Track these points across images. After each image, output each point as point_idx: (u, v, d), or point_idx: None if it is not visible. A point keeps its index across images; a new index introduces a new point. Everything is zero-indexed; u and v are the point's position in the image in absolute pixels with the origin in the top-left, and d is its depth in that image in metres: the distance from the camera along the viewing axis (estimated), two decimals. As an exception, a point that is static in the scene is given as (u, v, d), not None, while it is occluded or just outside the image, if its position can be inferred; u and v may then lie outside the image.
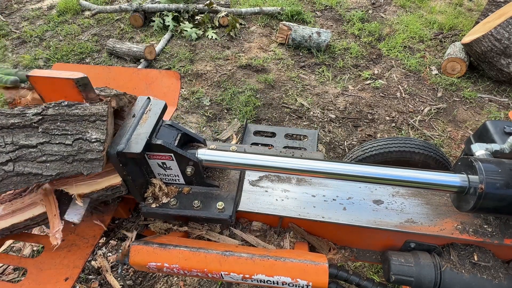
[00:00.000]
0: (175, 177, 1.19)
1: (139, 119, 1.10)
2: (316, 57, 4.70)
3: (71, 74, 0.98)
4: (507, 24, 3.78)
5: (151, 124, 1.08)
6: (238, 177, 1.25)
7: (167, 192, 1.19)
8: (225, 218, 1.13)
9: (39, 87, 1.03)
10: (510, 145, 1.19)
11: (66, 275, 1.08)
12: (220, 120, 3.76)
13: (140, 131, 1.06)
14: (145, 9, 5.21)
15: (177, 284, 2.41)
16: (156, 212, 1.16)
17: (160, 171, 1.17)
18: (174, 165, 1.13)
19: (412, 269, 1.09)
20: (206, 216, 1.14)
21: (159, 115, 1.11)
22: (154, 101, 1.17)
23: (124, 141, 1.01)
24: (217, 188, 1.21)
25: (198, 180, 1.19)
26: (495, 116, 3.80)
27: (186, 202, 1.17)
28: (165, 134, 1.12)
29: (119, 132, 1.04)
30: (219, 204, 1.15)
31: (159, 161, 1.12)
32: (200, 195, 1.19)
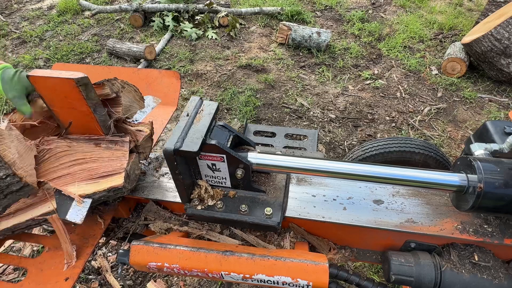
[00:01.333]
0: (222, 179, 1.17)
1: (193, 118, 1.09)
2: (316, 57, 4.70)
3: (71, 74, 0.98)
4: (507, 24, 3.78)
5: (205, 124, 1.06)
6: (284, 183, 1.23)
7: (213, 194, 1.17)
8: (273, 224, 1.10)
9: (39, 87, 1.03)
10: (509, 145, 1.19)
11: (66, 275, 1.08)
12: (220, 120, 3.77)
13: (194, 130, 1.04)
14: (145, 9, 5.21)
15: (177, 284, 2.41)
16: (201, 214, 1.14)
17: (208, 172, 1.15)
18: (224, 167, 1.11)
19: (412, 269, 1.09)
20: (253, 221, 1.11)
21: (212, 116, 1.10)
22: (206, 102, 1.16)
23: (180, 139, 1.00)
24: (263, 194, 1.18)
25: (245, 184, 1.17)
26: (495, 116, 3.80)
27: (232, 206, 1.15)
28: (218, 135, 1.11)
29: (174, 130, 1.04)
30: (267, 210, 1.11)
31: (209, 162, 1.10)
32: (247, 200, 1.17)
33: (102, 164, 1.12)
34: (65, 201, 1.06)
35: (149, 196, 1.28)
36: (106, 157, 1.13)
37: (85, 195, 1.07)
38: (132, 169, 1.16)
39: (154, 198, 1.28)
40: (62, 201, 1.06)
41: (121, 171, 1.10)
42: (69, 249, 1.10)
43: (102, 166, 1.11)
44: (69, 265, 1.10)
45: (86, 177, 1.10)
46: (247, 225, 1.15)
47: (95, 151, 1.14)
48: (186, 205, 1.16)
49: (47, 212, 1.06)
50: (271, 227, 1.12)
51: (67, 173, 1.11)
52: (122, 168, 1.10)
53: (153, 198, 1.28)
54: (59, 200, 1.06)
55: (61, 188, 1.08)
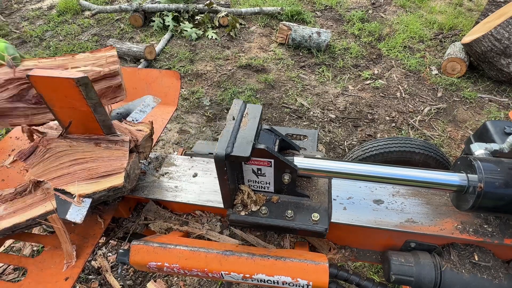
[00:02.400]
0: (266, 184, 1.14)
1: (239, 122, 1.07)
2: (316, 57, 4.70)
3: (72, 73, 0.98)
4: (507, 24, 3.78)
5: (253, 128, 1.05)
6: (326, 187, 1.21)
7: (256, 200, 1.14)
8: (320, 230, 1.08)
9: (39, 87, 1.03)
10: (509, 145, 1.19)
11: (66, 274, 1.08)
12: (220, 120, 3.76)
13: (242, 134, 1.02)
14: (145, 9, 5.21)
15: (177, 284, 2.41)
16: (245, 220, 1.11)
17: (252, 177, 1.12)
18: (270, 172, 1.09)
19: (412, 269, 1.09)
20: (300, 227, 1.09)
21: (258, 120, 1.09)
22: (250, 105, 1.14)
23: (230, 144, 0.98)
24: (307, 199, 1.16)
25: (289, 189, 1.14)
26: (495, 116, 3.80)
27: (277, 211, 1.12)
28: (265, 139, 1.09)
29: (222, 135, 1.01)
30: (315, 215, 1.09)
31: (255, 167, 1.08)
32: (291, 205, 1.14)
33: (102, 164, 1.12)
34: (65, 200, 1.06)
35: (149, 196, 1.27)
36: (106, 157, 1.13)
37: (85, 195, 1.07)
38: (132, 169, 1.16)
39: (154, 198, 1.28)
40: (62, 200, 1.06)
41: (121, 171, 1.10)
42: (69, 249, 1.10)
43: (102, 165, 1.11)
44: (69, 265, 1.10)
45: (86, 177, 1.10)
46: (294, 231, 1.12)
47: (95, 150, 1.14)
48: (228, 210, 1.13)
49: (47, 212, 1.06)
50: (318, 233, 1.09)
51: (67, 172, 1.11)
52: (122, 168, 1.10)
53: (153, 197, 1.28)
54: (59, 200, 1.06)
55: (61, 188, 1.08)
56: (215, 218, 1.34)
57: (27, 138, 1.24)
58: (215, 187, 1.29)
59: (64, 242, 1.09)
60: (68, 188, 1.08)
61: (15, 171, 1.38)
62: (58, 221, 1.06)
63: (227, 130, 1.03)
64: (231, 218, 1.12)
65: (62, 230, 1.08)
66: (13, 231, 1.10)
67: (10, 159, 1.41)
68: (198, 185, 1.30)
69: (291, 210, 1.11)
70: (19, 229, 1.10)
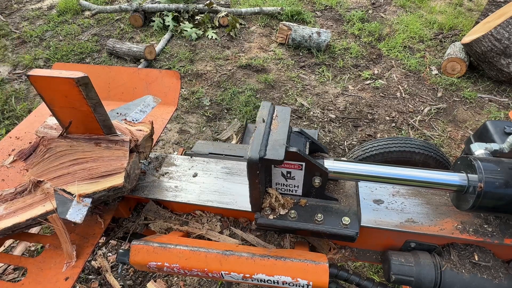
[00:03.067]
0: (294, 188, 1.13)
1: (269, 125, 1.06)
2: (316, 57, 4.70)
3: (72, 73, 0.98)
4: (507, 24, 3.78)
5: (284, 130, 1.04)
6: (354, 190, 1.20)
7: (283, 203, 1.13)
8: (351, 234, 1.07)
9: (39, 87, 1.03)
10: (509, 145, 1.19)
11: (66, 274, 1.08)
12: (220, 120, 3.76)
13: (274, 137, 1.02)
14: (145, 9, 5.21)
15: (177, 284, 2.41)
16: (274, 224, 1.10)
17: (280, 180, 1.11)
18: (300, 175, 1.07)
19: (412, 269, 1.09)
20: (330, 231, 1.08)
21: (288, 122, 1.08)
22: (278, 107, 1.13)
23: (262, 147, 0.97)
24: (336, 202, 1.15)
25: (318, 192, 1.13)
26: (495, 116, 3.81)
27: (305, 215, 1.11)
28: (296, 142, 1.08)
29: (254, 137, 1.00)
30: (345, 219, 1.08)
31: (285, 170, 1.07)
32: (319, 209, 1.13)
33: (102, 164, 1.12)
34: (65, 200, 1.06)
35: (149, 196, 1.28)
36: (106, 157, 1.13)
37: (85, 195, 1.07)
38: (132, 169, 1.16)
39: (154, 198, 1.28)
40: (62, 200, 1.06)
41: (121, 171, 1.10)
42: (69, 249, 1.10)
43: (102, 165, 1.11)
44: (69, 265, 1.09)
45: (86, 177, 1.10)
46: (324, 235, 1.11)
47: (95, 150, 1.14)
48: (256, 214, 1.12)
49: (47, 212, 1.06)
50: (349, 237, 1.08)
51: (67, 172, 1.11)
52: (122, 168, 1.10)
53: (153, 197, 1.28)
54: (59, 200, 1.06)
55: (61, 188, 1.08)
56: (215, 218, 1.34)
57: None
58: (215, 187, 1.29)
59: (64, 242, 1.09)
60: (68, 188, 1.08)
61: (15, 171, 1.38)
62: (58, 221, 1.06)
63: (259, 133, 1.02)
64: (259, 222, 1.10)
65: (62, 230, 1.08)
66: (13, 231, 1.10)
67: (10, 159, 1.41)
68: (198, 185, 1.30)
69: (321, 214, 1.09)
70: (19, 229, 1.10)
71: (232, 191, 1.28)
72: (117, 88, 1.69)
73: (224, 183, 1.31)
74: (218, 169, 1.37)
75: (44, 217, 1.07)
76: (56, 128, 1.25)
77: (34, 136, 1.36)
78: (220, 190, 1.28)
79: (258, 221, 1.11)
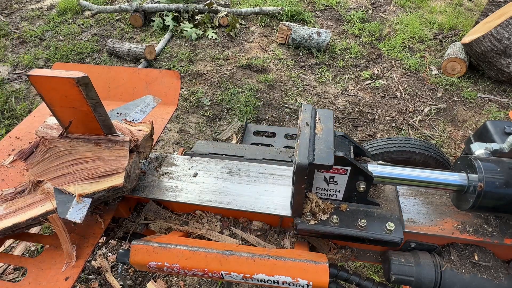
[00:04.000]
0: (335, 192, 1.12)
1: (313, 128, 1.05)
2: (316, 57, 4.70)
3: (72, 73, 0.98)
4: (507, 24, 3.78)
5: (329, 134, 1.03)
6: (394, 194, 1.19)
7: (323, 208, 1.11)
8: (396, 240, 1.06)
9: (39, 87, 1.03)
10: (509, 145, 1.19)
11: (66, 274, 1.08)
12: (220, 120, 3.76)
13: (320, 141, 1.01)
14: (145, 9, 5.21)
15: (177, 284, 2.41)
16: (315, 229, 1.09)
17: (322, 185, 1.09)
18: (343, 180, 1.06)
19: (412, 269, 1.09)
20: (374, 237, 1.07)
21: (332, 125, 1.07)
22: (320, 110, 1.13)
23: (310, 151, 0.97)
24: (377, 207, 1.14)
25: (360, 197, 1.12)
26: (495, 116, 3.81)
27: (347, 220, 1.10)
28: (340, 146, 1.06)
29: (300, 142, 0.98)
30: (389, 225, 1.07)
31: (328, 175, 1.05)
32: (360, 214, 1.12)
33: (102, 164, 1.12)
34: (66, 200, 1.06)
35: (149, 196, 1.27)
36: (106, 157, 1.13)
37: (85, 195, 1.07)
38: (132, 169, 1.16)
39: (154, 198, 1.28)
40: (62, 200, 1.06)
41: (121, 171, 1.10)
42: (69, 249, 1.10)
43: (102, 165, 1.11)
44: (69, 265, 1.09)
45: (86, 177, 1.10)
46: (367, 240, 1.10)
47: (95, 150, 1.14)
48: (296, 219, 1.10)
49: (47, 212, 1.06)
50: (394, 243, 1.07)
51: (67, 172, 1.11)
52: (123, 168, 1.10)
53: (153, 197, 1.28)
54: (59, 200, 1.06)
55: (61, 187, 1.08)
56: (215, 218, 1.34)
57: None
58: (215, 187, 1.29)
59: (64, 242, 1.09)
60: (68, 187, 1.08)
61: (15, 171, 1.38)
62: (58, 221, 1.06)
63: (304, 137, 1.01)
64: (300, 227, 1.09)
65: (62, 230, 1.08)
66: (13, 231, 1.10)
67: (10, 159, 1.41)
68: (198, 185, 1.30)
69: (364, 219, 1.08)
70: (19, 228, 1.10)
71: (232, 191, 1.28)
72: (117, 88, 1.69)
73: (224, 183, 1.31)
74: (218, 169, 1.37)
75: (44, 217, 1.07)
76: (56, 128, 1.25)
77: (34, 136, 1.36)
78: (220, 190, 1.28)
79: (299, 226, 1.09)
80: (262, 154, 1.59)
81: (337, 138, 1.10)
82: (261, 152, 1.60)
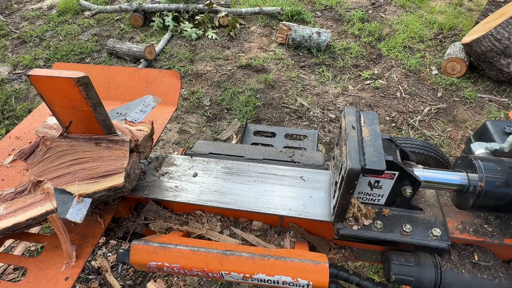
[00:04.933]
0: (378, 197, 1.10)
1: (360, 131, 1.04)
2: (316, 57, 4.70)
3: (72, 73, 0.98)
4: (507, 24, 3.78)
5: (377, 138, 1.02)
6: (436, 198, 1.17)
7: (365, 213, 1.10)
8: (443, 247, 1.04)
9: (39, 87, 1.03)
10: (509, 144, 1.19)
11: (66, 274, 1.08)
12: (220, 120, 3.76)
13: (368, 145, 0.99)
14: (145, 9, 5.21)
15: (177, 284, 2.41)
16: (358, 234, 1.07)
17: (365, 189, 1.07)
18: (389, 185, 1.04)
19: (412, 269, 1.09)
20: (420, 243, 1.05)
21: (379, 129, 1.06)
22: (364, 112, 1.11)
23: (361, 156, 0.95)
24: (420, 212, 1.12)
25: (403, 202, 1.10)
26: (495, 116, 3.81)
27: (390, 225, 1.08)
28: (387, 150, 1.04)
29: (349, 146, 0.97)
30: (436, 231, 1.05)
31: (373, 179, 1.03)
32: (403, 219, 1.10)
33: (103, 164, 1.12)
34: (66, 200, 1.06)
35: (149, 196, 1.27)
36: (107, 157, 1.13)
37: (85, 195, 1.07)
38: (132, 169, 1.16)
39: (154, 198, 1.28)
40: (62, 200, 1.06)
41: (122, 171, 1.10)
42: (69, 249, 1.10)
43: (102, 165, 1.11)
44: (69, 265, 1.09)
45: (87, 177, 1.10)
46: (412, 246, 1.09)
47: (96, 150, 1.14)
48: (338, 224, 1.09)
49: (47, 212, 1.06)
50: (440, 249, 1.06)
51: (67, 172, 1.11)
52: (123, 168, 1.10)
53: (153, 197, 1.28)
54: (60, 200, 1.06)
55: (61, 187, 1.08)
56: (215, 218, 1.34)
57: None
58: (215, 187, 1.29)
59: (64, 242, 1.09)
60: (68, 187, 1.08)
61: (15, 171, 1.38)
62: (58, 221, 1.06)
63: (353, 141, 0.99)
64: (342, 232, 1.07)
65: (62, 230, 1.07)
66: (13, 231, 1.10)
67: (10, 159, 1.41)
68: (198, 185, 1.30)
69: (409, 225, 1.06)
70: (19, 228, 1.10)
71: (232, 191, 1.28)
72: (117, 88, 1.69)
73: (224, 183, 1.31)
74: (218, 169, 1.37)
75: (44, 217, 1.07)
76: (56, 128, 1.25)
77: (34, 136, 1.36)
78: (220, 190, 1.28)
79: (341, 231, 1.07)
80: (262, 154, 1.59)
81: (383, 142, 1.07)
82: (261, 152, 1.60)
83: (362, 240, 1.12)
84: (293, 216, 1.18)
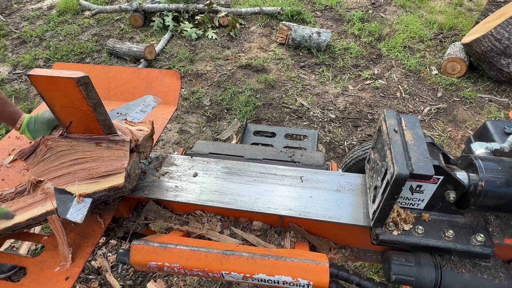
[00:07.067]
0: (418, 201, 1.08)
1: (403, 135, 1.02)
2: (316, 57, 4.70)
3: (72, 73, 0.98)
4: (507, 24, 3.78)
5: (421, 142, 1.00)
6: None
7: (405, 218, 1.08)
8: (487, 253, 1.02)
9: (39, 86, 1.03)
10: (510, 144, 1.20)
11: (66, 274, 1.08)
12: (220, 120, 3.76)
13: (414, 150, 0.98)
14: (145, 9, 5.21)
15: (177, 284, 2.41)
16: (399, 240, 1.05)
17: (405, 194, 1.06)
18: (430, 189, 1.03)
19: (412, 269, 1.09)
20: (464, 249, 1.03)
21: (422, 132, 1.04)
22: (404, 116, 1.10)
23: (408, 161, 0.94)
24: (461, 216, 1.10)
25: (443, 207, 1.08)
26: (495, 116, 3.80)
27: (431, 230, 1.07)
28: (431, 154, 1.03)
29: (394, 151, 0.95)
30: (480, 236, 1.03)
31: (415, 183, 1.02)
32: (444, 223, 1.09)
33: (103, 164, 1.12)
34: (66, 200, 1.06)
35: (149, 196, 1.27)
36: (107, 157, 1.13)
37: (85, 195, 1.07)
38: (132, 169, 1.16)
39: (154, 198, 1.28)
40: (62, 200, 1.06)
41: (122, 171, 1.10)
42: (65, 252, 1.09)
43: (102, 165, 1.11)
44: (63, 267, 1.09)
45: (87, 177, 1.10)
46: (455, 252, 1.06)
47: (96, 150, 1.14)
48: (377, 229, 1.07)
49: (47, 212, 1.06)
50: (484, 255, 1.04)
51: (68, 172, 1.11)
52: (123, 168, 1.10)
53: (154, 197, 1.28)
54: (60, 200, 1.06)
55: (61, 187, 1.08)
56: (215, 218, 1.34)
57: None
58: (215, 187, 1.29)
59: (61, 244, 1.09)
60: (68, 187, 1.08)
61: (15, 171, 1.38)
62: (57, 222, 1.06)
63: (397, 145, 0.98)
64: (382, 238, 1.06)
65: (60, 232, 1.07)
66: (13, 231, 1.10)
67: (10, 159, 1.41)
68: (198, 185, 1.30)
69: (452, 230, 1.05)
70: (19, 228, 1.10)
71: (233, 191, 1.28)
72: (117, 88, 1.69)
73: (225, 183, 1.31)
74: (218, 169, 1.37)
75: (44, 217, 1.07)
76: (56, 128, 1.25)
77: (34, 136, 1.36)
78: (221, 190, 1.28)
79: (381, 237, 1.06)
80: (262, 154, 1.59)
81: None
82: (261, 152, 1.60)
83: (403, 246, 1.09)
84: (293, 216, 1.18)
